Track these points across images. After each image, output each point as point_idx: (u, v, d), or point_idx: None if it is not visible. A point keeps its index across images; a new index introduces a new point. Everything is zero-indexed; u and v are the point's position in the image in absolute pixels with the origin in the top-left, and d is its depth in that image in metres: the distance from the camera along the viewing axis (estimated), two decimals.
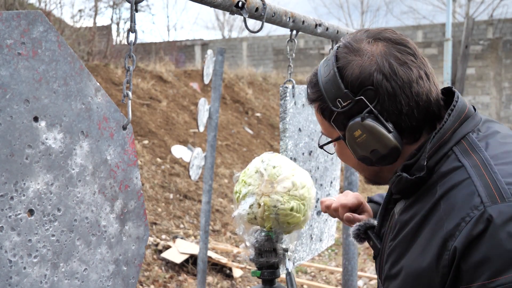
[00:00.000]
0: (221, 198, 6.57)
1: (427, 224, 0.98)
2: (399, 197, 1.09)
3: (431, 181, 1.01)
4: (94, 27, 11.01)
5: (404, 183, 1.02)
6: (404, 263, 1.01)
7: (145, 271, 4.37)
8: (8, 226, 0.89)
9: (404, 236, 1.02)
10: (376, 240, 1.17)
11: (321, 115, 1.09)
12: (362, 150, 1.05)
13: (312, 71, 1.14)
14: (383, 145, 1.03)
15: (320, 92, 1.07)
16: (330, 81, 1.05)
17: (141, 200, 1.18)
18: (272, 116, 10.78)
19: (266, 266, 1.34)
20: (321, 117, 1.10)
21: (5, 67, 0.87)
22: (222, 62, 3.83)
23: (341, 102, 1.03)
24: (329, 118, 1.07)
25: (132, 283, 1.17)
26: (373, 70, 1.00)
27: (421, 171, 1.01)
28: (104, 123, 1.07)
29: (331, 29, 1.99)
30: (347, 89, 1.02)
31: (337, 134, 1.09)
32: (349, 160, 1.14)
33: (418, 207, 1.01)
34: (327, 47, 16.50)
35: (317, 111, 1.11)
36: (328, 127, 1.11)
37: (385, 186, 1.15)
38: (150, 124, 7.41)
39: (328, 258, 5.60)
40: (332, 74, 1.05)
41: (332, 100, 1.05)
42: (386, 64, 1.00)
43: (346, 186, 2.62)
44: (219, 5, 1.36)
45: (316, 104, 1.10)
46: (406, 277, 1.00)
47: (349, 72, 1.02)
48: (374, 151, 1.04)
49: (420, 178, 1.00)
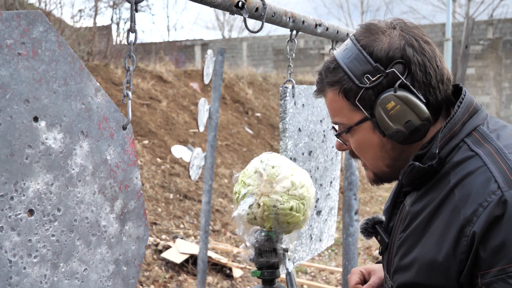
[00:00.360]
0: (221, 198, 6.57)
1: (440, 213, 0.98)
2: (410, 190, 1.09)
3: (443, 171, 1.01)
4: (94, 27, 11.01)
5: (416, 173, 1.03)
6: (417, 254, 1.01)
7: (145, 271, 4.37)
8: (8, 226, 0.89)
9: (416, 226, 1.03)
10: (384, 235, 1.16)
11: (344, 97, 1.06)
12: (396, 122, 1.03)
13: (323, 64, 1.12)
14: (418, 115, 1.02)
15: (343, 72, 1.05)
16: (355, 59, 1.04)
17: (141, 200, 1.18)
18: (272, 116, 10.78)
19: (266, 266, 1.34)
20: (343, 99, 1.07)
21: (5, 67, 0.87)
22: (222, 62, 3.83)
23: (370, 78, 1.02)
24: (354, 98, 1.04)
25: (132, 283, 1.17)
26: (402, 44, 1.02)
27: (433, 159, 1.01)
28: (104, 123, 1.07)
29: (331, 29, 1.99)
30: (377, 63, 1.02)
31: (359, 117, 1.07)
32: (369, 148, 1.10)
33: (430, 197, 1.02)
34: (327, 47, 16.49)
35: (337, 95, 1.07)
36: (348, 112, 1.08)
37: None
38: (150, 124, 7.41)
39: (328, 258, 5.60)
40: (356, 53, 1.04)
41: (359, 77, 1.03)
42: (413, 39, 1.03)
43: (346, 186, 2.63)
44: (219, 5, 1.36)
45: (337, 87, 1.07)
46: (420, 267, 0.99)
47: (378, 48, 1.03)
48: (408, 122, 1.02)
49: (432, 167, 1.01)
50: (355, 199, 2.59)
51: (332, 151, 2.22)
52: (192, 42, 19.32)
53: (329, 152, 2.20)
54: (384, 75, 1.02)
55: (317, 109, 2.04)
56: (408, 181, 1.07)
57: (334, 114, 1.12)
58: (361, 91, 1.04)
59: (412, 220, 1.04)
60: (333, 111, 1.12)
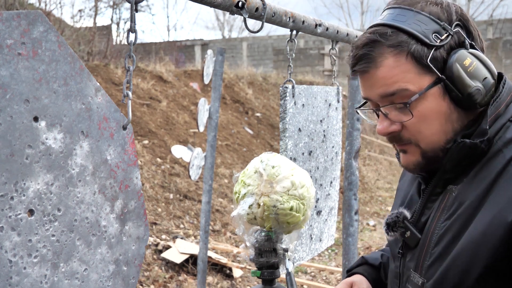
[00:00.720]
0: (221, 198, 6.57)
1: (496, 187, 0.94)
2: (453, 177, 1.04)
3: (494, 150, 0.98)
4: (94, 27, 11.01)
5: (467, 151, 0.99)
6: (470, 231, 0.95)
7: (145, 271, 4.37)
8: (8, 226, 0.89)
9: (466, 207, 0.98)
10: (416, 230, 1.08)
11: (414, 58, 0.99)
12: (475, 79, 0.99)
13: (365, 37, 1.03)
14: (491, 73, 1.01)
15: (407, 34, 0.99)
16: (418, 20, 0.99)
17: (141, 200, 1.18)
18: (272, 116, 10.78)
19: (266, 266, 1.34)
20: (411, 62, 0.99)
21: (5, 67, 0.87)
22: (222, 62, 3.83)
23: (438, 37, 0.98)
24: (426, 58, 0.98)
25: (132, 283, 1.17)
26: (454, 9, 1.01)
27: (484, 136, 0.98)
28: (104, 123, 1.07)
29: (331, 29, 1.99)
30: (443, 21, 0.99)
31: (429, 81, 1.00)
32: (434, 119, 1.02)
33: (481, 176, 0.98)
34: (327, 47, 16.50)
35: (404, 58, 0.99)
36: (415, 76, 1.00)
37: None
38: (150, 124, 7.41)
39: (328, 258, 5.60)
40: (415, 15, 0.99)
41: (427, 36, 0.98)
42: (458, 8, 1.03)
43: (346, 186, 2.63)
44: (219, 5, 1.36)
45: (403, 49, 0.99)
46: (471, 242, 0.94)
47: (434, 10, 1.00)
48: (486, 79, 1.00)
49: (483, 143, 0.97)
50: (355, 199, 2.59)
51: (332, 151, 2.23)
52: (192, 42, 19.33)
53: (329, 152, 2.20)
54: (451, 34, 0.99)
55: (317, 109, 2.04)
56: (455, 163, 1.01)
57: (393, 82, 1.01)
58: (432, 50, 0.98)
59: (461, 205, 0.99)
60: (391, 79, 1.01)
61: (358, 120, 2.52)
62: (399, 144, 1.08)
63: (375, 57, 1.01)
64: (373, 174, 10.16)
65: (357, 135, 2.52)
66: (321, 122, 2.08)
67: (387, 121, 1.05)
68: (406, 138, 1.05)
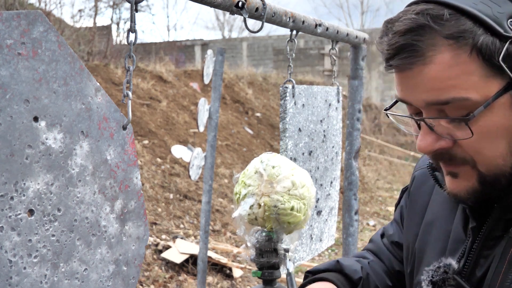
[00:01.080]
0: (221, 198, 6.57)
1: None
2: None
3: None
4: (94, 27, 11.01)
5: None
6: None
7: (145, 271, 4.37)
8: (8, 226, 0.89)
9: None
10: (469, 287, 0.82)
11: (481, 55, 0.71)
12: None
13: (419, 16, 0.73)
14: None
15: (475, 17, 0.70)
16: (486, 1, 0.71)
17: (141, 200, 1.17)
18: (272, 116, 10.78)
19: (267, 267, 1.34)
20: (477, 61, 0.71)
21: (5, 67, 0.86)
22: (222, 62, 3.83)
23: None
24: (498, 55, 0.70)
25: (132, 283, 1.17)
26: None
27: None
28: (104, 123, 1.06)
29: (331, 29, 1.99)
30: None
31: (498, 86, 0.72)
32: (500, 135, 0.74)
33: None
34: (327, 47, 16.49)
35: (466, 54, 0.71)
36: (480, 80, 0.72)
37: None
38: (150, 124, 7.41)
39: (328, 258, 5.60)
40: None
41: (501, 24, 0.69)
42: None
43: (346, 186, 2.63)
44: (219, 5, 1.36)
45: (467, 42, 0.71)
46: None
47: None
48: None
49: None
50: (355, 199, 2.59)
51: (332, 151, 2.22)
52: (192, 42, 19.33)
53: (329, 152, 2.20)
54: None
55: (317, 109, 2.04)
56: None
57: (447, 87, 0.73)
58: (506, 44, 0.70)
59: None
60: (446, 83, 0.72)
61: (358, 120, 2.52)
62: (448, 164, 0.81)
63: (424, 49, 0.72)
64: (373, 174, 10.16)
65: (357, 135, 2.52)
66: (321, 122, 2.08)
67: (433, 135, 0.77)
68: (460, 157, 0.78)
